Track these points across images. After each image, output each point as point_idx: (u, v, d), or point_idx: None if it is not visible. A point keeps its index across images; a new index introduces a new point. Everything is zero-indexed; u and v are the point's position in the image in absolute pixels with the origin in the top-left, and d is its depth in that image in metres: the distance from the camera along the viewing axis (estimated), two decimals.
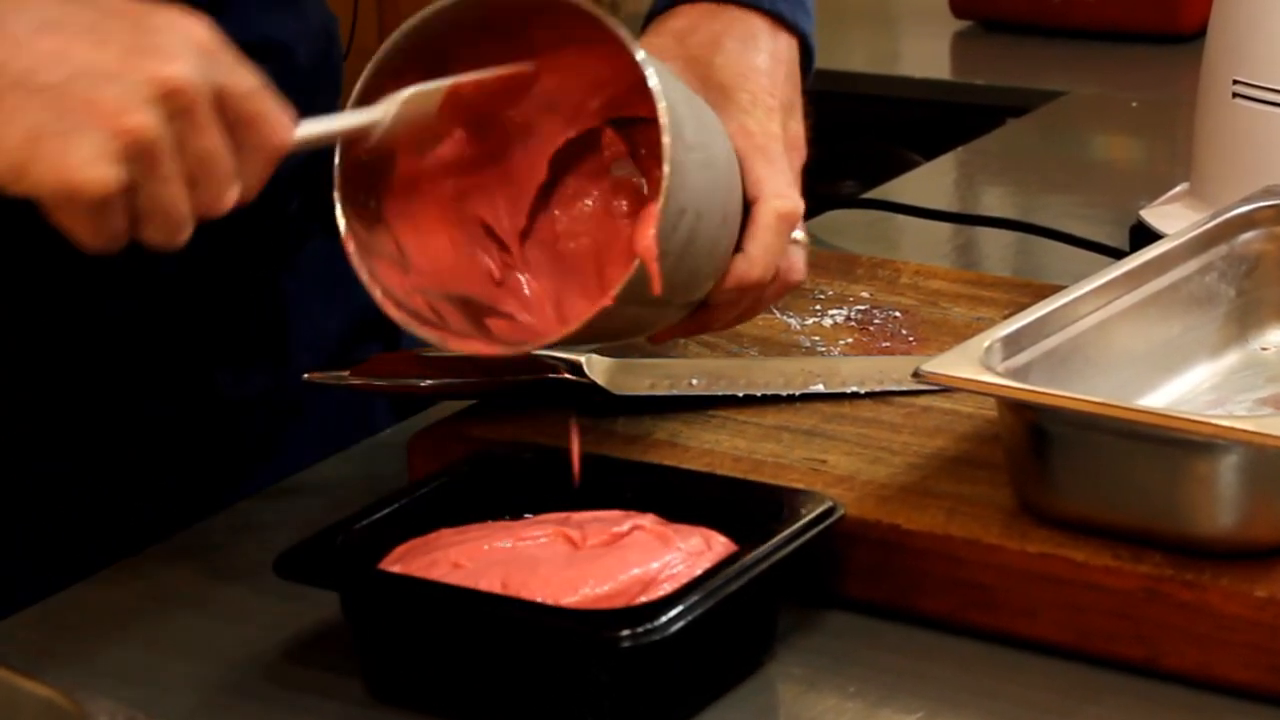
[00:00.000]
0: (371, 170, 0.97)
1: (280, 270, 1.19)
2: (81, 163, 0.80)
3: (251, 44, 1.11)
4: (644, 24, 1.10)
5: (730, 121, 1.03)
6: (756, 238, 1.00)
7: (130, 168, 0.81)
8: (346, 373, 1.09)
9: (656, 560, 0.88)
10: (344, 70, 1.24)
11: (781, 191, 1.02)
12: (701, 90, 1.03)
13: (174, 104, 0.82)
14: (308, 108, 1.19)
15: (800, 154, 1.07)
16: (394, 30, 1.01)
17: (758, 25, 1.08)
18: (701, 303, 1.00)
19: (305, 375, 1.09)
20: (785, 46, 1.09)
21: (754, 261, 1.00)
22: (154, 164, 0.82)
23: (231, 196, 0.86)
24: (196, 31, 0.85)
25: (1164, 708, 0.89)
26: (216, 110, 0.84)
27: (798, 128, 1.08)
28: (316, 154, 1.21)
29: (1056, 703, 0.89)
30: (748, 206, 1.01)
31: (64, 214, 0.82)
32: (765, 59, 1.07)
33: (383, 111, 0.95)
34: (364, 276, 0.95)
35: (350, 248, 0.96)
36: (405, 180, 0.98)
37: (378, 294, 0.95)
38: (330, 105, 1.20)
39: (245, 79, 0.86)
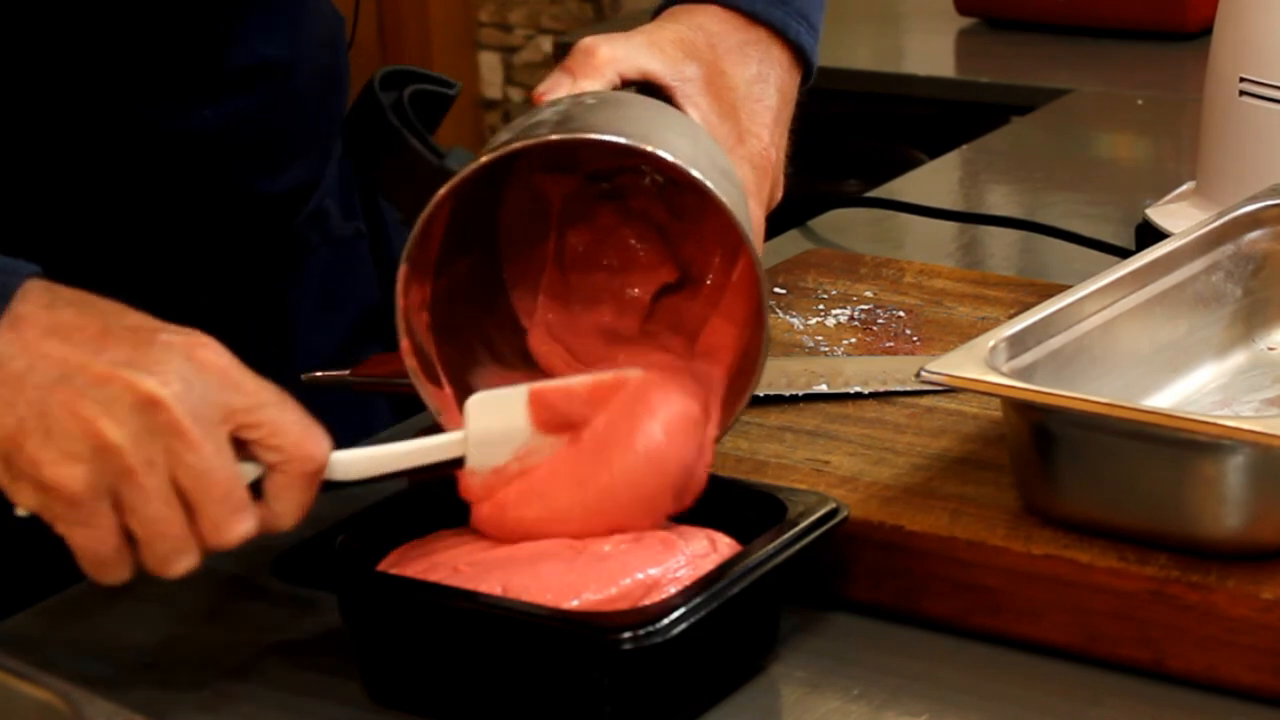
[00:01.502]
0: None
1: (283, 281, 1.19)
2: (50, 460, 0.83)
3: (252, 68, 1.12)
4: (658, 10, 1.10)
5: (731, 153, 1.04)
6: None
7: (101, 473, 0.83)
8: (346, 372, 1.09)
9: (659, 565, 0.88)
10: (349, 70, 1.23)
11: (755, 208, 1.05)
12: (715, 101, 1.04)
13: (154, 418, 0.83)
14: (313, 120, 1.19)
15: (776, 183, 1.08)
16: (393, 29, 1.00)
17: (775, 54, 1.08)
18: None
19: (304, 375, 1.09)
20: (792, 82, 1.11)
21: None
22: (128, 474, 0.83)
23: (242, 526, 0.85)
24: (202, 351, 0.85)
25: (1169, 710, 0.88)
26: (220, 429, 0.84)
27: (780, 156, 1.08)
28: (324, 164, 1.21)
29: (1061, 706, 0.89)
30: None
31: (54, 520, 0.84)
32: (774, 96, 1.09)
33: (461, 435, 0.91)
34: None
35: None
36: None
37: None
38: (336, 110, 1.20)
39: (257, 395, 0.86)
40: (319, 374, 1.09)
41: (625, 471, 0.90)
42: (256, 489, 0.86)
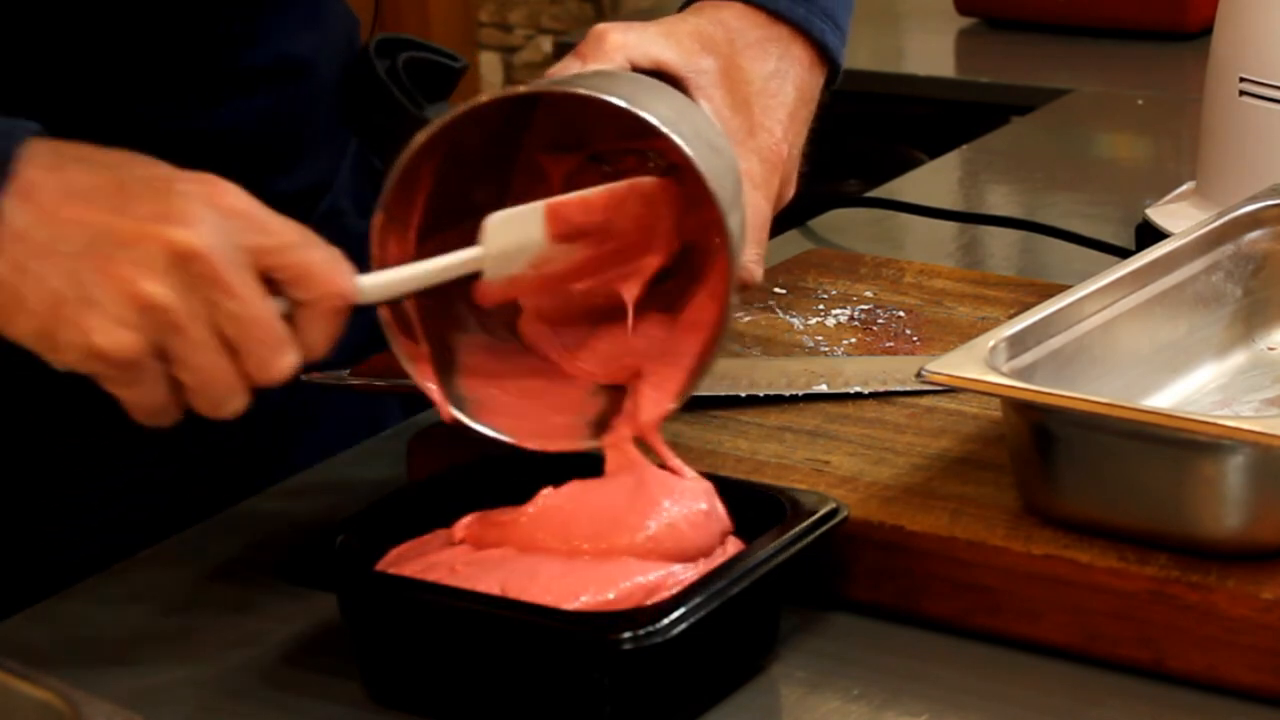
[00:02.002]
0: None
1: None
2: (98, 328, 0.83)
3: (269, 68, 1.12)
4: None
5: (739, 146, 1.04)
6: (751, 232, 1.04)
7: (149, 333, 0.84)
8: (346, 372, 1.09)
9: (660, 570, 0.87)
10: None
11: (754, 192, 1.05)
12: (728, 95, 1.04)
13: (192, 269, 0.84)
14: (328, 118, 1.19)
15: (788, 179, 1.08)
16: (393, 29, 1.00)
17: (796, 52, 1.08)
18: None
19: (304, 375, 1.09)
20: (813, 81, 1.10)
21: (757, 262, 1.05)
22: (175, 329, 0.84)
23: (285, 361, 0.86)
24: (222, 197, 0.86)
25: (1169, 710, 0.88)
26: (251, 272, 0.85)
27: (794, 153, 1.08)
28: (339, 163, 1.21)
29: (1061, 706, 0.89)
30: None
31: (103, 380, 0.85)
32: (791, 93, 1.09)
33: (480, 252, 0.92)
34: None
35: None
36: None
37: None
38: (323, 153, 1.19)
39: (283, 235, 0.86)
40: (318, 374, 1.09)
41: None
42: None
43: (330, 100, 1.19)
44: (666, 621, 0.83)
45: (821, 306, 1.20)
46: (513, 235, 0.92)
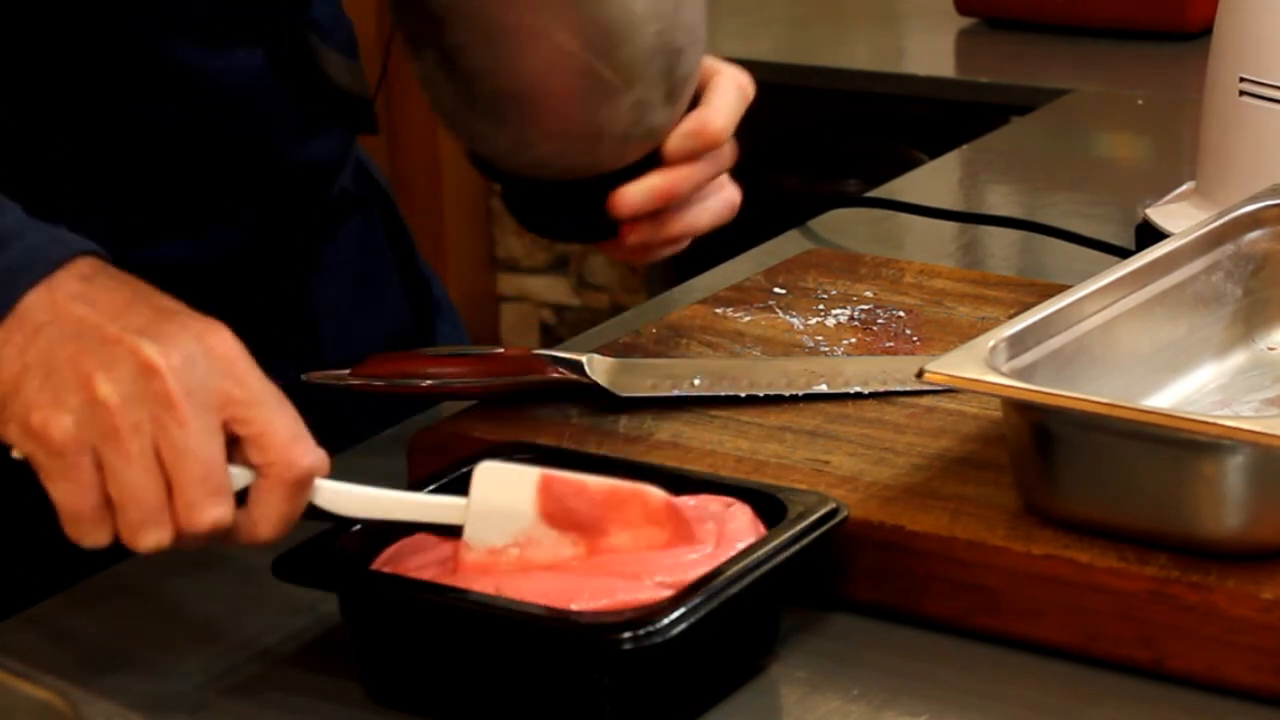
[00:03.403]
0: None
1: (308, 271, 1.19)
2: (40, 406, 0.84)
3: (285, 17, 1.12)
4: None
5: None
6: (719, 90, 1.08)
7: (88, 429, 0.84)
8: (346, 372, 1.09)
9: (658, 593, 0.87)
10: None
11: (737, 72, 1.10)
12: None
13: (151, 385, 0.84)
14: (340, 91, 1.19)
15: None
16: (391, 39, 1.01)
17: None
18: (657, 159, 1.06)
19: (304, 375, 1.09)
20: None
21: (716, 110, 1.07)
22: (113, 434, 0.84)
23: (216, 512, 0.85)
24: (212, 337, 0.86)
25: (1169, 710, 0.88)
26: (212, 414, 0.85)
27: None
28: (350, 144, 1.21)
29: (1061, 706, 0.89)
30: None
31: (37, 467, 0.85)
32: None
33: (464, 503, 0.88)
34: None
35: None
36: None
37: None
38: (332, 130, 1.19)
39: (255, 391, 0.86)
40: (318, 374, 1.09)
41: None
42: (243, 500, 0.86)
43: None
44: (666, 621, 0.83)
45: (821, 306, 1.20)
46: (500, 492, 0.88)
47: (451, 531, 0.89)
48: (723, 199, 1.11)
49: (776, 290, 1.22)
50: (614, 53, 1.02)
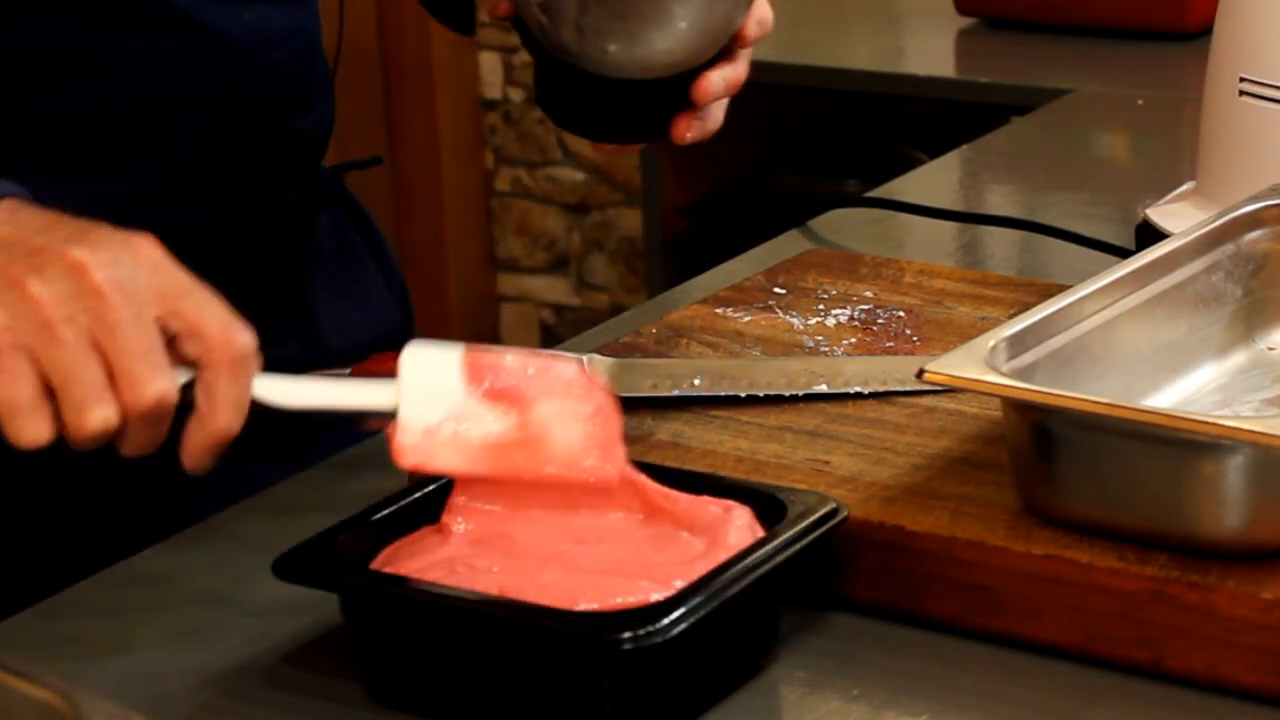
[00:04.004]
0: None
1: (300, 252, 1.20)
2: None
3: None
4: None
5: None
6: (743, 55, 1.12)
7: (17, 319, 0.84)
8: (346, 372, 1.09)
9: (663, 591, 0.87)
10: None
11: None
12: None
13: (82, 283, 0.85)
14: (325, 69, 1.20)
15: None
16: (393, 29, 1.01)
17: None
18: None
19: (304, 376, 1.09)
20: None
21: (765, 1, 1.12)
22: (45, 326, 0.84)
23: (158, 384, 0.85)
24: (138, 242, 0.87)
25: (1169, 710, 0.88)
26: (145, 308, 0.85)
27: None
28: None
29: (1061, 706, 0.89)
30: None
31: None
32: None
33: (393, 388, 0.90)
34: None
35: None
36: None
37: None
38: (322, 107, 1.20)
39: (186, 286, 0.87)
40: (318, 374, 1.09)
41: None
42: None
43: (322, 56, 1.21)
44: (666, 621, 0.83)
45: (821, 306, 1.20)
46: (429, 371, 0.89)
47: (385, 417, 0.89)
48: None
49: (776, 290, 1.22)
50: None
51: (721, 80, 1.10)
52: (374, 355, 1.10)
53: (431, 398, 0.89)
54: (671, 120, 1.11)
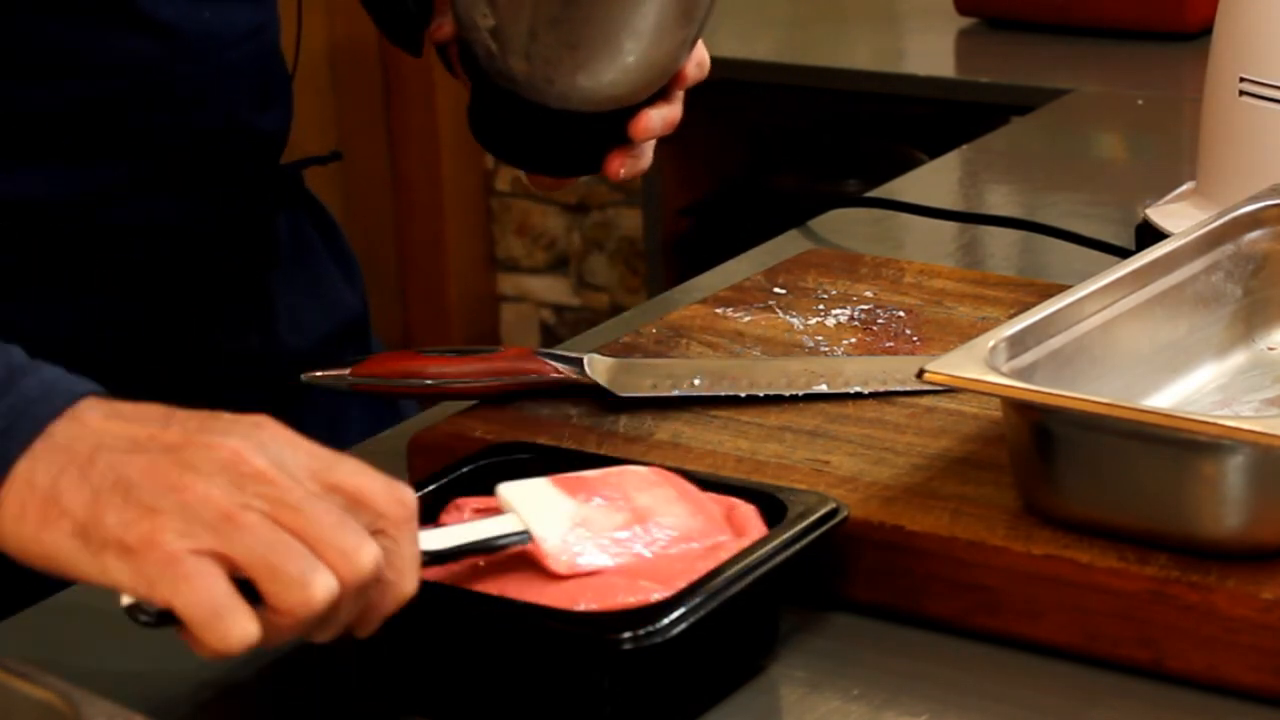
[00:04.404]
0: None
1: (260, 247, 1.20)
2: (136, 520, 0.78)
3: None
4: None
5: None
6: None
7: (197, 526, 0.78)
8: (347, 372, 1.09)
9: (663, 590, 0.87)
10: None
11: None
12: None
13: (241, 470, 0.79)
14: (283, 70, 1.21)
15: None
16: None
17: None
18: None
19: (304, 375, 1.09)
20: None
21: (702, 45, 1.12)
22: (229, 520, 0.78)
23: (373, 549, 0.79)
24: (268, 424, 0.82)
25: (1169, 710, 0.88)
26: (307, 483, 0.80)
27: None
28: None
29: (1061, 705, 0.89)
30: None
31: (154, 591, 0.79)
32: None
33: (518, 521, 0.89)
34: None
35: None
36: None
37: None
38: (280, 106, 1.20)
39: (335, 456, 0.82)
40: (319, 374, 1.09)
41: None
42: None
43: (281, 56, 1.21)
44: (666, 621, 0.83)
45: (821, 306, 1.20)
46: (534, 499, 0.89)
47: (521, 540, 0.88)
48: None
49: (776, 290, 1.22)
50: None
51: (659, 118, 1.10)
52: (374, 355, 1.10)
53: (550, 514, 0.89)
54: (605, 155, 1.11)
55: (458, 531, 0.88)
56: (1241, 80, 1.32)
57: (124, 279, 1.12)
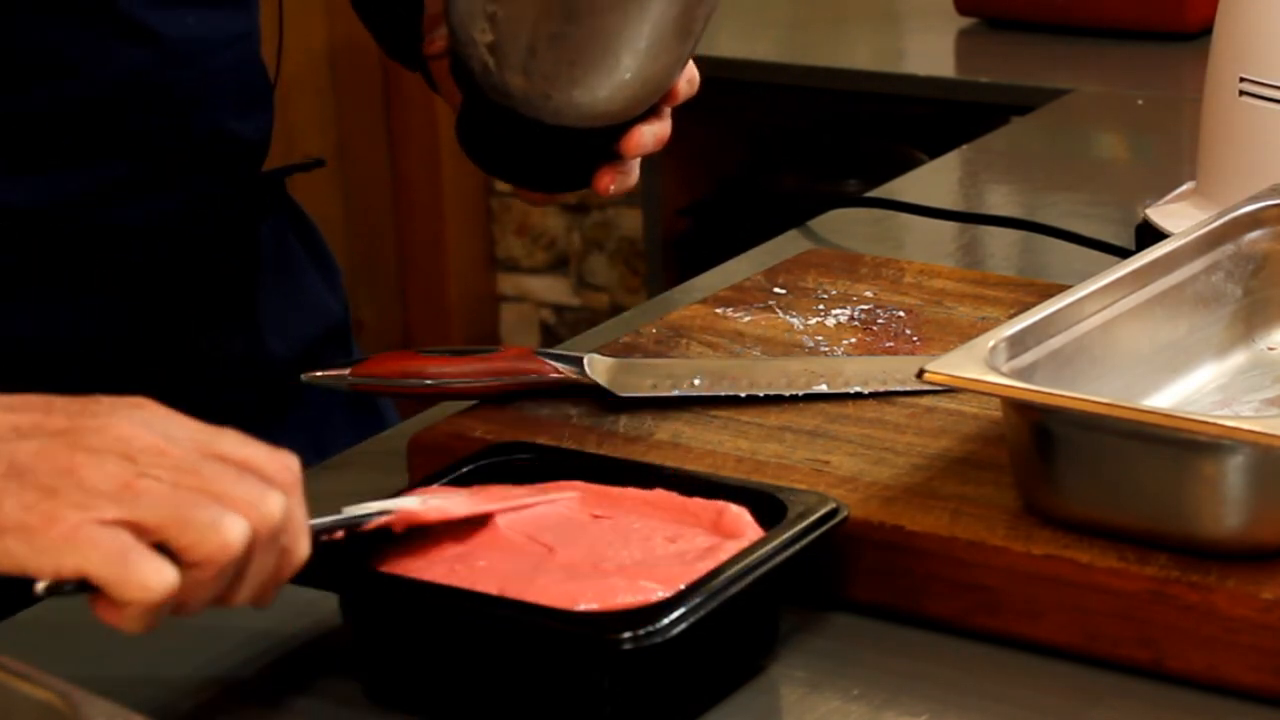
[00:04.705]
0: None
1: (243, 253, 1.20)
2: (35, 503, 0.78)
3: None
4: None
5: None
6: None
7: (101, 500, 0.78)
8: (347, 372, 1.09)
9: (663, 590, 0.87)
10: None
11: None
12: None
13: (130, 445, 0.80)
14: (264, 78, 1.21)
15: None
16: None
17: None
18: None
19: (304, 375, 1.09)
20: None
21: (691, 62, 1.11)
22: (128, 489, 0.78)
23: (277, 498, 0.80)
24: (146, 404, 0.82)
25: (1169, 710, 0.88)
26: (197, 451, 0.80)
27: None
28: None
29: (1061, 706, 0.89)
30: None
31: (59, 564, 0.79)
32: None
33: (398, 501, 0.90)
34: None
35: None
36: None
37: None
38: (262, 113, 1.20)
39: (212, 430, 0.82)
40: (319, 374, 1.09)
41: None
42: None
43: (262, 65, 1.21)
44: (666, 621, 0.83)
45: (821, 306, 1.20)
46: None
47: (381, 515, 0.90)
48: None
49: (776, 290, 1.22)
50: (702, 3, 1.05)
51: (650, 135, 1.10)
52: (374, 356, 1.10)
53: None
54: (596, 171, 1.11)
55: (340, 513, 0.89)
56: (1241, 80, 1.32)
57: (105, 284, 1.12)
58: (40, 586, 0.79)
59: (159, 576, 0.78)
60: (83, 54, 1.08)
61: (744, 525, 0.91)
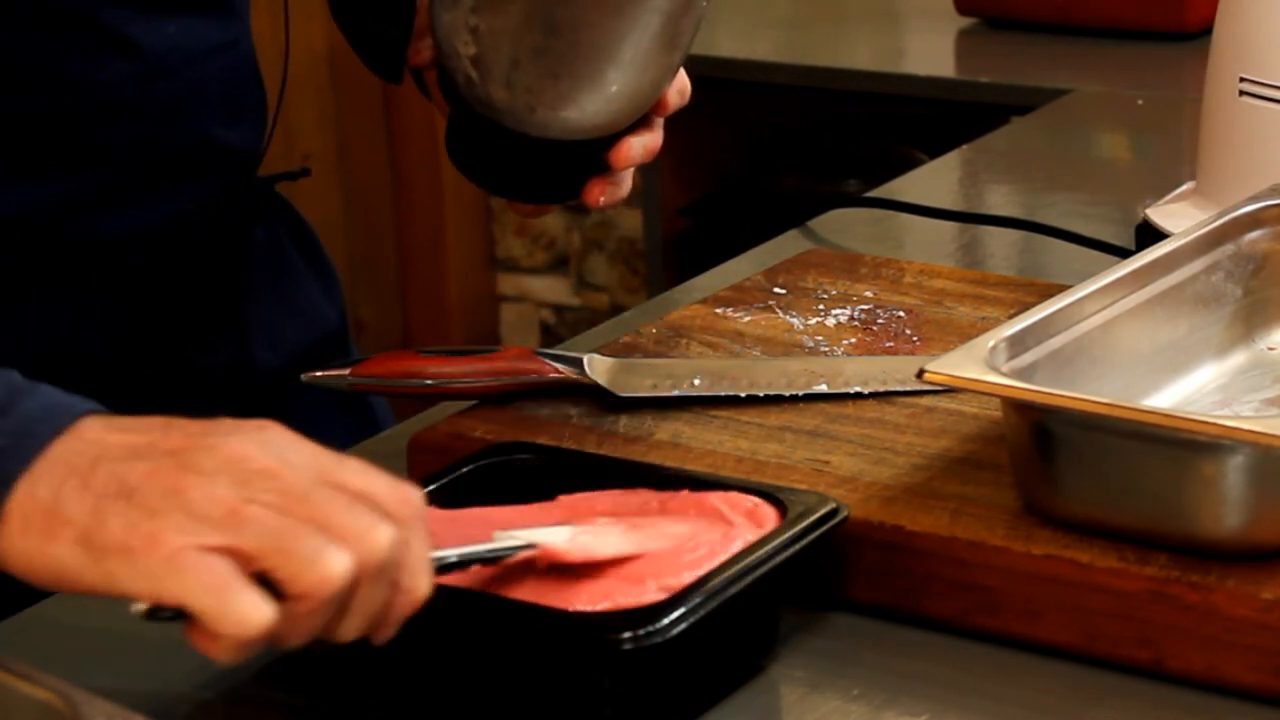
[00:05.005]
0: None
1: (233, 262, 1.20)
2: (140, 521, 0.77)
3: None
4: None
5: None
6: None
7: (205, 525, 0.77)
8: (347, 372, 1.09)
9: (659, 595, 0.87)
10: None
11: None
12: None
13: (245, 468, 0.78)
14: (257, 83, 1.20)
15: None
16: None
17: None
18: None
19: (304, 375, 1.09)
20: None
21: (682, 72, 1.10)
22: (233, 518, 0.77)
23: (387, 529, 0.78)
24: (273, 427, 0.81)
25: (1169, 710, 0.88)
26: (313, 478, 0.79)
27: None
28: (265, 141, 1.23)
29: (1061, 706, 0.89)
30: None
31: (162, 588, 0.78)
32: None
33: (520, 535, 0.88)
34: None
35: None
36: None
37: None
38: (252, 121, 1.20)
39: (336, 456, 0.81)
40: (319, 374, 1.09)
41: None
42: None
43: (255, 68, 1.20)
44: (666, 621, 0.83)
45: (821, 306, 1.20)
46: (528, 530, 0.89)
47: (526, 548, 0.88)
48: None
49: (776, 290, 1.22)
50: (688, 14, 1.05)
51: (640, 146, 1.09)
52: (373, 356, 1.10)
53: (551, 530, 0.89)
54: (585, 183, 1.11)
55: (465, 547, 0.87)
56: (1241, 80, 1.32)
57: (92, 293, 1.12)
58: (139, 609, 0.78)
59: (257, 612, 0.76)
60: (64, 65, 1.07)
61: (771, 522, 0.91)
